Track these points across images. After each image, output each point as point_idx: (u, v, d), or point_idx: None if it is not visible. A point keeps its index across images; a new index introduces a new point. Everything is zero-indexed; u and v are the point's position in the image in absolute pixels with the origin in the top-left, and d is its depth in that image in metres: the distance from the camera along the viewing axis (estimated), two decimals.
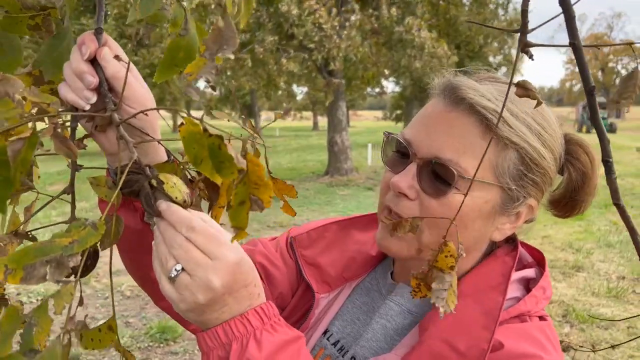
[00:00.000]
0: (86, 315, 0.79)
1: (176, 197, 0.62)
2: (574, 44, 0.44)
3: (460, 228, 0.77)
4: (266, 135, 34.19)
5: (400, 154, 0.82)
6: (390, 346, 0.83)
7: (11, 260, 0.47)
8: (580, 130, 33.47)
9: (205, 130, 0.51)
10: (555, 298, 4.85)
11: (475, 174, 0.56)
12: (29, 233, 0.72)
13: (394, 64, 12.73)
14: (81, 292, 0.55)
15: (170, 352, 3.84)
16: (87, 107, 0.68)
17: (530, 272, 0.84)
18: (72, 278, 0.61)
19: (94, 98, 0.68)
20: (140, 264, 0.83)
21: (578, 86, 68.27)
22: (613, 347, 1.36)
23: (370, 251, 0.96)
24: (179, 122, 0.56)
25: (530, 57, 0.49)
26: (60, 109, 0.66)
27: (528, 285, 0.83)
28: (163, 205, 0.64)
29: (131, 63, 0.71)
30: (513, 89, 0.80)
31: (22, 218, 0.77)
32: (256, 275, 0.68)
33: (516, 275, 0.82)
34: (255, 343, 0.64)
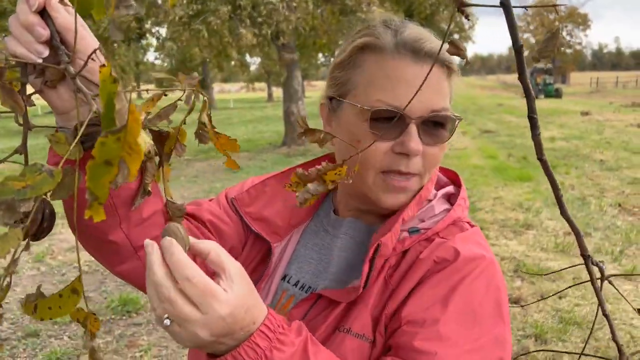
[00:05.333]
0: (39, 286, 0.74)
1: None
2: (503, 3, 0.47)
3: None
4: (220, 108, 33.58)
5: (382, 120, 0.83)
6: (358, 275, 0.87)
7: None
8: None
9: (110, 74, 0.46)
10: (507, 255, 5.08)
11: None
12: None
13: (348, 32, 12.61)
14: (28, 239, 0.53)
15: (133, 323, 3.82)
16: (39, 62, 0.64)
17: (450, 189, 0.97)
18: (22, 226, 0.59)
19: (46, 51, 0.64)
20: (97, 228, 0.80)
21: (526, 53, 69.78)
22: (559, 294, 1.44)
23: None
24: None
25: (466, 16, 0.51)
26: (8, 63, 0.62)
27: (449, 199, 0.95)
28: (166, 241, 0.62)
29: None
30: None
31: None
32: (253, 303, 0.67)
33: (440, 193, 0.94)
34: None
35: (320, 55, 18.70)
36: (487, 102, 28.40)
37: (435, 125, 0.85)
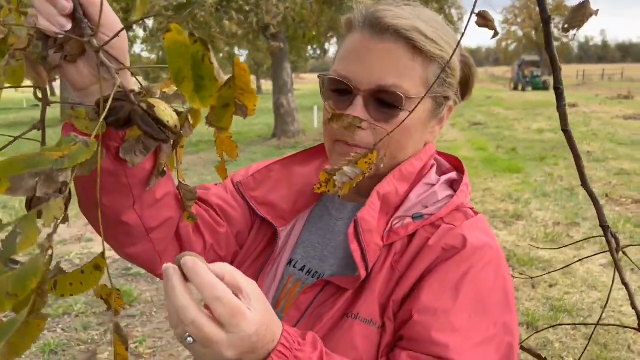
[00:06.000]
0: (58, 262, 0.74)
1: (168, 122, 0.58)
2: None
3: (408, 140, 0.88)
4: None
5: (338, 92, 0.86)
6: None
7: None
8: (516, 88, 34.63)
9: (191, 34, 0.49)
10: None
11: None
12: None
13: (335, 24, 12.64)
14: (66, 209, 0.53)
15: (127, 315, 3.81)
16: (62, 35, 0.63)
17: (453, 175, 0.96)
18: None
19: (69, 25, 0.63)
20: (111, 209, 0.80)
21: (514, 46, 70.20)
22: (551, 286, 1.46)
23: (317, 181, 1.01)
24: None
25: None
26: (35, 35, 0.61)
27: (452, 185, 0.95)
28: (189, 262, 0.61)
29: None
30: (424, 10, 0.88)
31: None
32: (271, 319, 0.68)
33: (442, 179, 0.94)
34: None
35: (309, 47, 18.64)
36: (475, 95, 28.41)
37: (385, 101, 0.83)
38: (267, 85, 36.55)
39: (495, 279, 0.82)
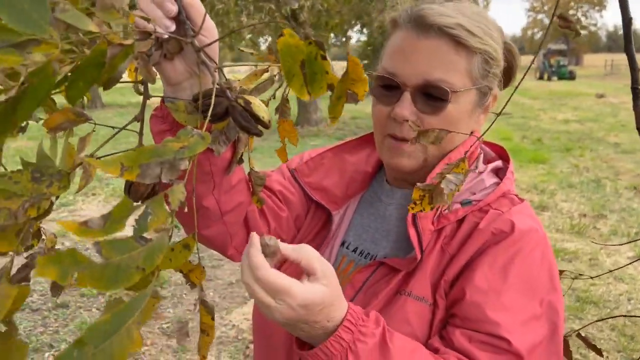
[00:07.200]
0: None
1: (263, 117, 0.64)
2: None
3: (454, 130, 0.91)
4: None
5: (386, 87, 0.92)
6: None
7: (127, 159, 0.52)
8: (541, 77, 34.02)
9: (306, 37, 0.55)
10: None
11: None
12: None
13: (357, 14, 12.59)
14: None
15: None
16: (166, 36, 0.69)
17: (498, 163, 1.01)
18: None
19: (173, 26, 0.69)
20: (195, 195, 0.86)
21: (539, 34, 68.80)
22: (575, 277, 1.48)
23: (367, 168, 1.09)
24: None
25: None
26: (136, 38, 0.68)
27: (497, 173, 1.00)
28: (250, 237, 0.72)
29: None
30: (466, 4, 0.92)
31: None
32: (331, 303, 0.74)
33: (489, 167, 0.99)
34: (353, 356, 0.74)
35: (332, 35, 18.57)
36: None
37: (431, 95, 0.88)
38: None
39: (541, 261, 0.87)
